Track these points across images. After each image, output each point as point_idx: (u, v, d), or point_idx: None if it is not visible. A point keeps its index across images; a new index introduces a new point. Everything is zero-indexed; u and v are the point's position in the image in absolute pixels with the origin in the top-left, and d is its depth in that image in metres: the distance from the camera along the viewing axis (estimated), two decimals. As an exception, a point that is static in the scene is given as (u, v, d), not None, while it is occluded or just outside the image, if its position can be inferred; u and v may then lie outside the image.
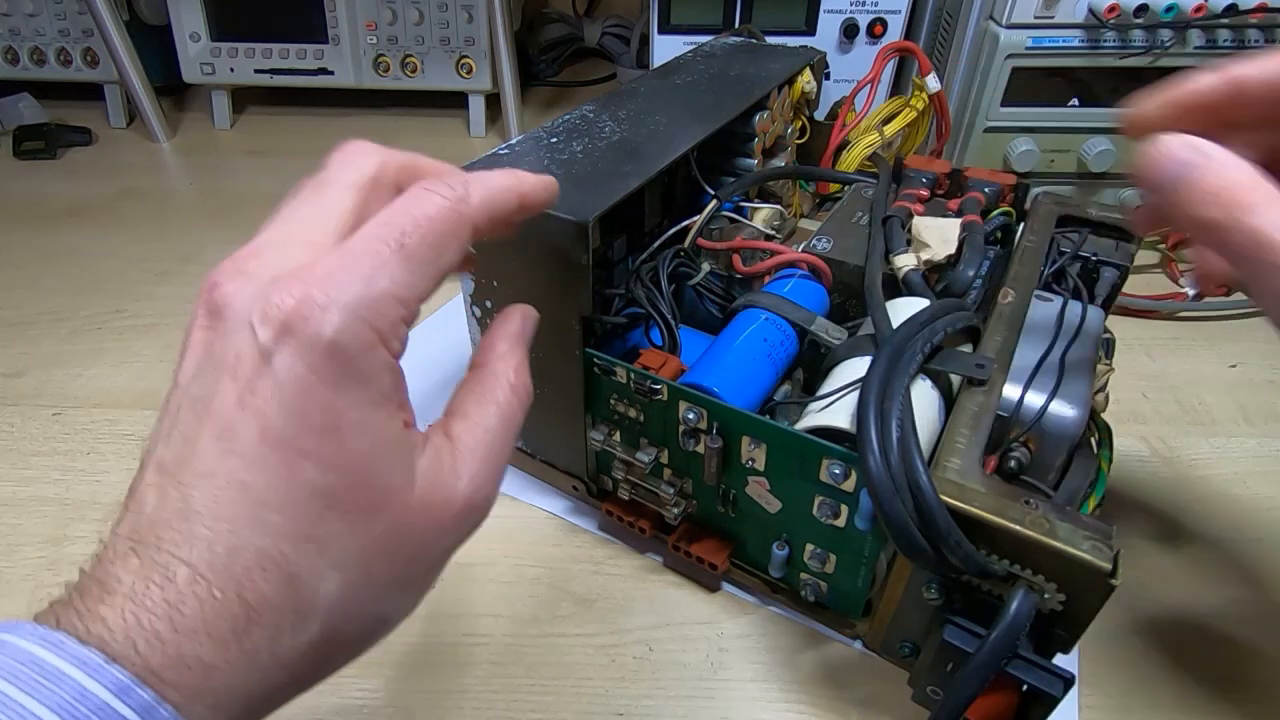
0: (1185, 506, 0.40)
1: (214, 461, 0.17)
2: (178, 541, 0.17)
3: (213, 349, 0.18)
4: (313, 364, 0.17)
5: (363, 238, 0.19)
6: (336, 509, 0.18)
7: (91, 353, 0.51)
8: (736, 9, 0.66)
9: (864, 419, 0.25)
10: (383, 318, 0.18)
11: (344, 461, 0.18)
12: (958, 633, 0.25)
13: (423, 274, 0.20)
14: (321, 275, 0.18)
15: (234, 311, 0.18)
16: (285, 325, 0.17)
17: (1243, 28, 0.53)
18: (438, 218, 0.20)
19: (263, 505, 0.17)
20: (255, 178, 0.74)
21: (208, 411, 0.18)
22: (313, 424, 0.17)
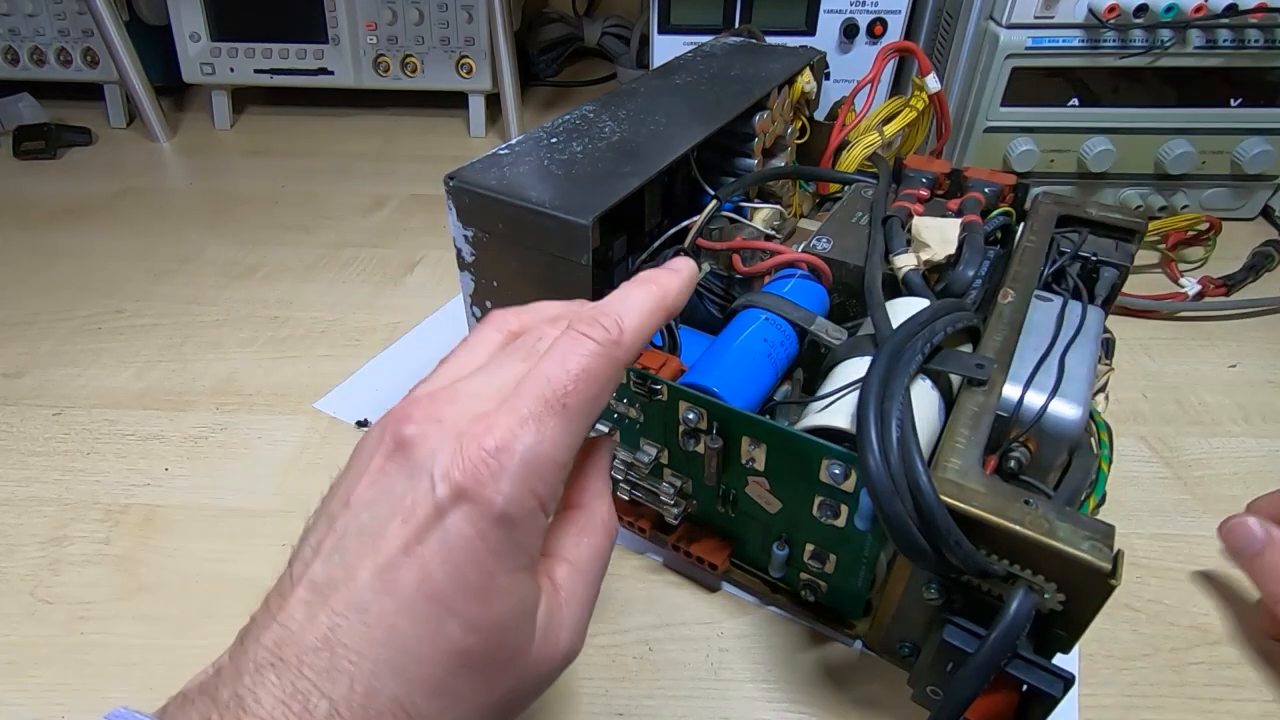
0: (1185, 506, 0.40)
1: (370, 597, 0.18)
2: (320, 671, 0.17)
3: (393, 485, 0.19)
4: (481, 530, 0.18)
5: (530, 397, 0.19)
6: (470, 668, 0.19)
7: (91, 353, 0.51)
8: (736, 9, 0.66)
9: (864, 419, 0.25)
10: (545, 485, 0.19)
11: (486, 624, 0.19)
12: (958, 633, 0.25)
13: (582, 428, 0.20)
14: (497, 442, 0.19)
15: (419, 455, 0.19)
16: (461, 488, 0.18)
17: (1243, 28, 0.53)
18: (595, 369, 0.20)
19: (406, 654, 0.18)
20: (255, 178, 0.74)
21: (374, 546, 0.18)
22: (468, 584, 0.18)
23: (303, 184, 0.73)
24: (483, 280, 0.34)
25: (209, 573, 0.36)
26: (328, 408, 0.46)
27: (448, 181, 0.32)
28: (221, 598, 0.35)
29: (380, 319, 0.54)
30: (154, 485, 0.41)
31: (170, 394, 0.47)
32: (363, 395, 0.47)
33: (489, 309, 0.35)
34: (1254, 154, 0.57)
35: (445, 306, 0.55)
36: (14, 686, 0.32)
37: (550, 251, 0.31)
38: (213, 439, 0.44)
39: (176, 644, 0.33)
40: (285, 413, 0.45)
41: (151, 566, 0.37)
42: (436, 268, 0.60)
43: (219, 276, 0.59)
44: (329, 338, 0.52)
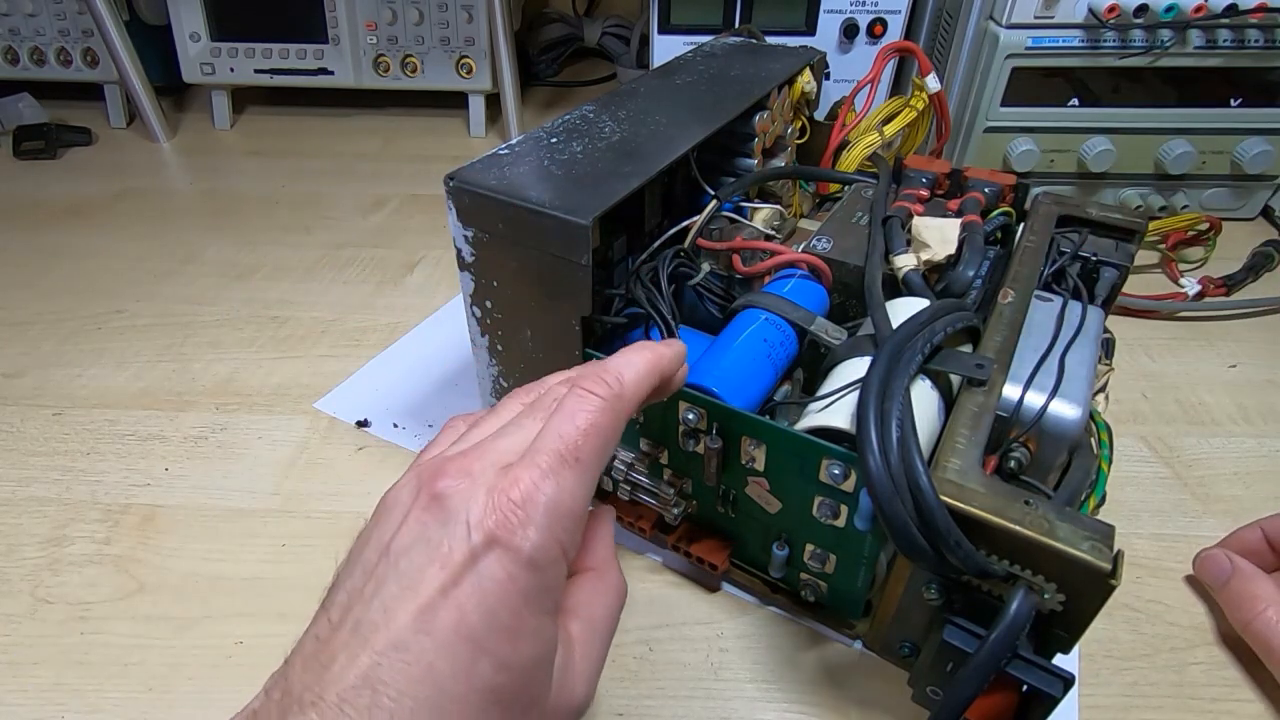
0: (1185, 506, 0.40)
1: (409, 637, 0.19)
2: (360, 709, 0.18)
3: (429, 534, 0.20)
4: (512, 574, 0.20)
5: (546, 453, 0.21)
6: (499, 706, 0.20)
7: (91, 353, 0.51)
8: (736, 9, 0.66)
9: (864, 419, 0.25)
10: (566, 532, 0.21)
11: (515, 663, 0.20)
12: (958, 633, 0.25)
13: (593, 478, 0.22)
14: (522, 493, 0.20)
15: (454, 506, 0.20)
16: (493, 535, 0.20)
17: (1243, 28, 0.53)
18: (601, 423, 0.22)
19: (442, 691, 0.19)
20: (255, 178, 0.74)
21: (413, 590, 0.19)
22: (500, 625, 0.20)
23: (303, 184, 0.73)
24: (483, 280, 0.34)
25: (209, 573, 0.36)
26: (328, 408, 0.46)
27: (448, 181, 0.32)
28: (221, 598, 0.35)
29: (380, 319, 0.54)
30: (154, 485, 0.41)
31: (170, 394, 0.47)
32: (363, 395, 0.47)
33: (489, 309, 0.35)
34: (1254, 154, 0.57)
35: (445, 306, 0.55)
36: (14, 686, 0.32)
37: (550, 251, 0.31)
38: (213, 439, 0.44)
39: (176, 644, 0.33)
40: (285, 413, 0.45)
41: (151, 566, 0.37)
42: (436, 268, 0.60)
43: (219, 277, 0.59)
44: (329, 338, 0.52)
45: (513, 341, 0.35)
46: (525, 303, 0.33)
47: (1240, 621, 0.32)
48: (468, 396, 0.45)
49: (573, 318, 0.32)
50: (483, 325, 0.36)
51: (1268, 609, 0.31)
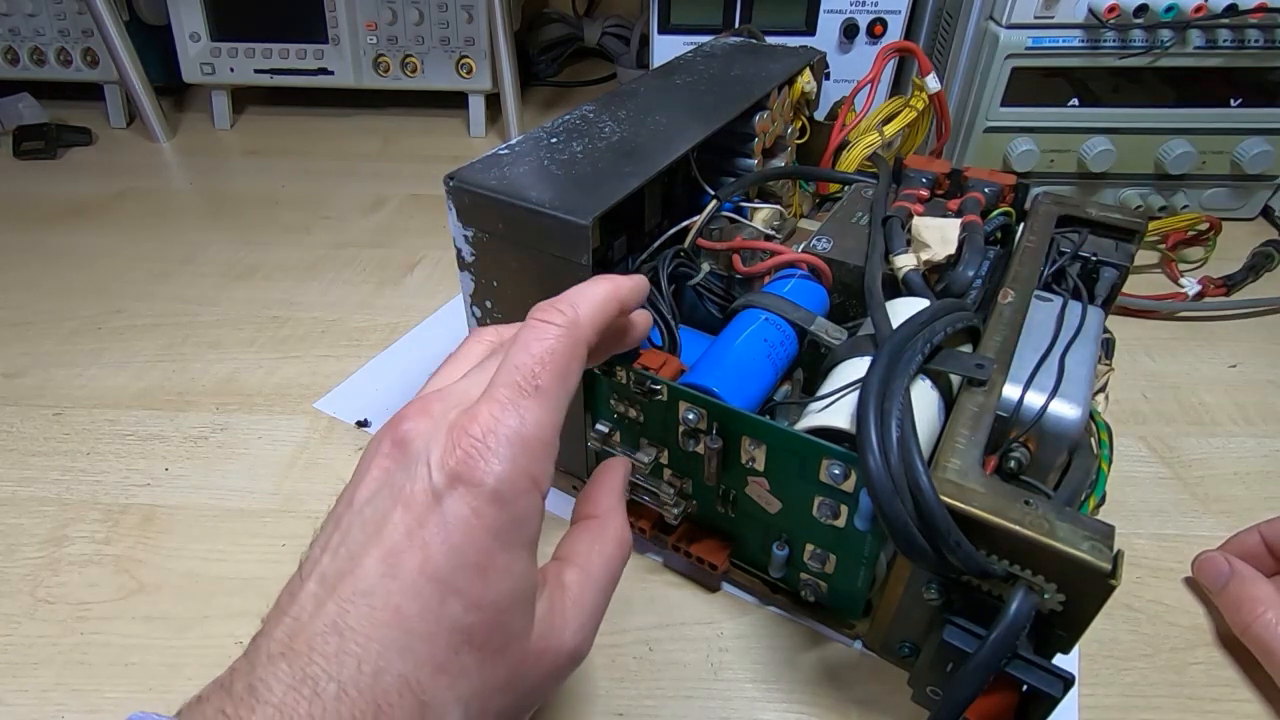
0: (1185, 506, 0.40)
1: (375, 582, 0.19)
2: (328, 655, 0.18)
3: (391, 478, 0.20)
4: (476, 509, 0.19)
5: (503, 385, 0.21)
6: (471, 645, 0.19)
7: (91, 353, 0.51)
8: (736, 9, 0.66)
9: (864, 419, 0.25)
10: (534, 463, 0.20)
11: (485, 601, 0.19)
12: (958, 633, 0.25)
13: (558, 405, 0.22)
14: (482, 427, 0.20)
15: (415, 449, 0.20)
16: (455, 473, 0.19)
17: (1243, 28, 0.53)
18: (558, 349, 0.22)
19: (411, 633, 0.18)
20: (255, 178, 0.74)
21: (378, 535, 0.19)
22: (467, 563, 0.19)
23: (303, 184, 0.73)
24: (483, 280, 0.34)
25: (209, 573, 0.36)
26: (328, 408, 0.46)
27: (448, 181, 0.32)
28: (221, 598, 0.35)
29: (380, 319, 0.54)
30: (154, 485, 0.41)
31: (170, 394, 0.47)
32: (363, 395, 0.47)
33: (489, 309, 0.35)
34: (1254, 154, 0.57)
35: (445, 306, 0.55)
36: (14, 686, 0.32)
37: (550, 251, 0.31)
38: (213, 439, 0.44)
39: (176, 644, 0.33)
40: (285, 413, 0.45)
41: (151, 566, 0.37)
42: (436, 268, 0.60)
43: (219, 276, 0.59)
44: (329, 338, 0.52)
45: (513, 341, 0.35)
46: (525, 303, 0.33)
47: (1239, 624, 0.32)
48: (468, 396, 0.45)
49: (573, 318, 0.32)
50: (482, 325, 0.36)
51: (1266, 612, 0.31)
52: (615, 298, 0.24)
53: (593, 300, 0.24)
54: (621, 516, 0.25)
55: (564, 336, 0.22)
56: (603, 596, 0.24)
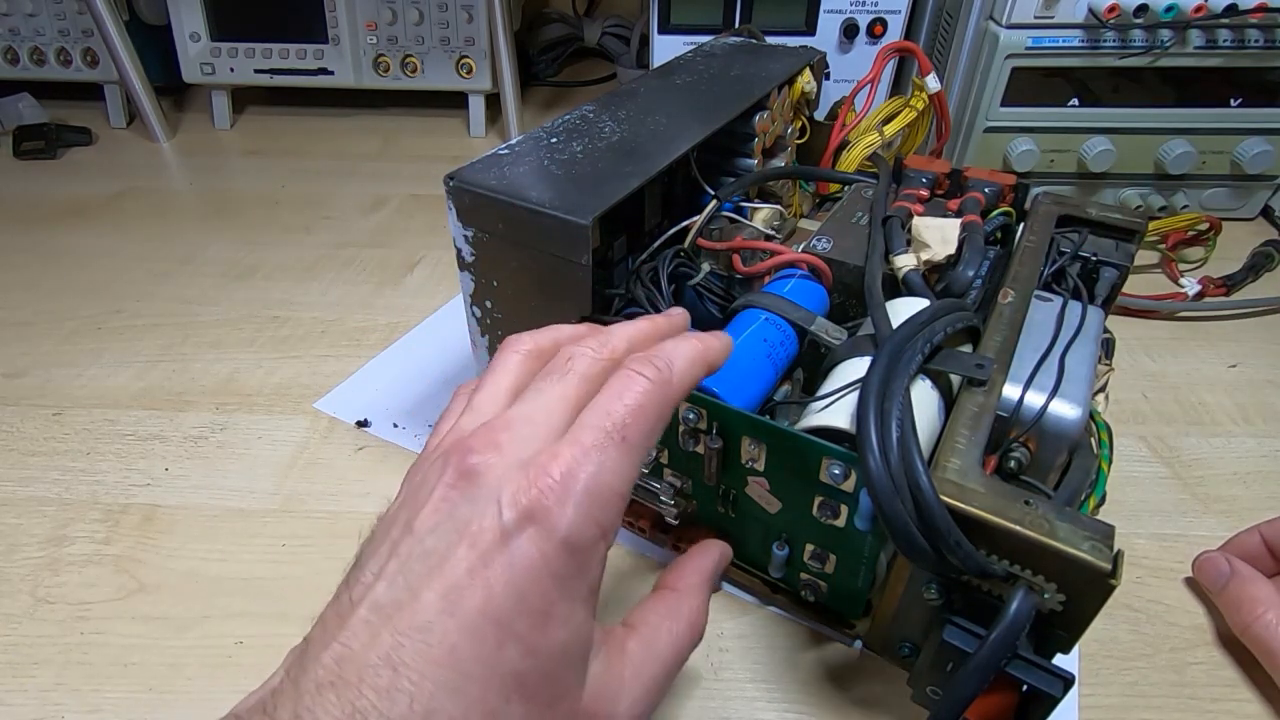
0: (1185, 506, 0.40)
1: (433, 618, 0.18)
2: (380, 690, 0.17)
3: (457, 511, 0.20)
4: (545, 553, 0.19)
5: (591, 429, 0.20)
6: (522, 694, 0.19)
7: (91, 353, 0.51)
8: (736, 9, 0.66)
9: (864, 419, 0.25)
10: (607, 514, 0.20)
11: (543, 650, 0.19)
12: (958, 633, 0.25)
13: (638, 460, 0.21)
14: (562, 470, 0.19)
15: (485, 483, 0.20)
16: (528, 513, 0.19)
17: (1243, 27, 0.53)
18: (649, 405, 0.21)
19: (465, 675, 0.18)
20: (255, 178, 0.74)
21: (439, 570, 0.19)
22: (529, 608, 0.19)
23: (303, 184, 0.73)
24: (483, 280, 0.34)
25: (209, 573, 0.36)
26: (328, 408, 0.46)
27: (448, 181, 0.32)
28: (221, 598, 0.35)
29: (380, 319, 0.54)
30: (154, 485, 0.41)
31: (170, 394, 0.47)
32: (363, 395, 0.47)
33: (489, 309, 0.35)
34: (1254, 154, 0.57)
35: (445, 306, 0.55)
36: (14, 686, 0.32)
37: (550, 251, 0.31)
38: (213, 439, 0.44)
39: (176, 644, 0.33)
40: (285, 413, 0.45)
41: (151, 566, 0.37)
42: (436, 268, 0.60)
43: (219, 276, 0.59)
44: (329, 338, 0.52)
45: (513, 341, 0.35)
46: (525, 303, 0.33)
47: (1239, 625, 0.32)
48: (468, 396, 0.45)
49: (573, 318, 0.32)
50: (483, 325, 0.36)
51: (1267, 612, 0.31)
52: (704, 361, 0.24)
53: (687, 359, 0.23)
54: (702, 598, 0.25)
55: (655, 394, 0.21)
56: (664, 675, 0.23)
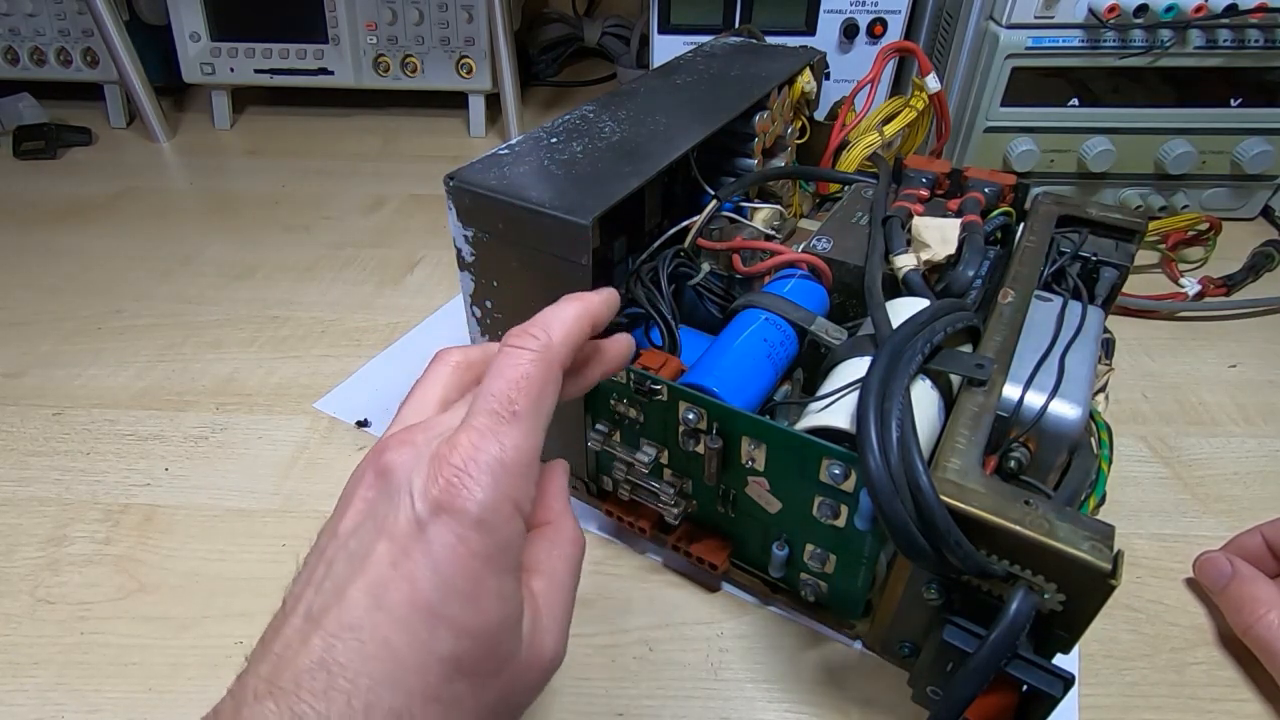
0: (1185, 506, 0.40)
1: (362, 615, 0.19)
2: (317, 693, 0.18)
3: (375, 509, 0.20)
4: (462, 536, 0.19)
5: (481, 414, 0.21)
6: (463, 673, 0.19)
7: (91, 353, 0.51)
8: (736, 9, 0.66)
9: (864, 419, 0.25)
10: (516, 489, 0.21)
11: (476, 628, 0.19)
12: (958, 633, 0.25)
13: (536, 429, 0.22)
14: (462, 456, 0.20)
15: (398, 479, 0.20)
16: (438, 502, 0.19)
17: (1243, 27, 0.53)
18: (533, 373, 0.22)
19: (401, 665, 0.18)
20: (255, 178, 0.74)
21: (363, 567, 0.19)
22: (456, 591, 0.19)
23: (303, 184, 0.73)
24: (483, 280, 0.34)
25: (209, 573, 0.36)
26: (328, 408, 0.46)
27: (448, 181, 0.32)
28: (221, 598, 0.35)
29: (380, 319, 0.54)
30: (154, 485, 0.41)
31: (170, 394, 0.47)
32: (363, 395, 0.47)
33: (489, 309, 0.35)
34: (1254, 154, 0.57)
35: (445, 306, 0.55)
36: (14, 686, 0.32)
37: (550, 251, 0.31)
38: (213, 439, 0.44)
39: (176, 644, 0.33)
40: (285, 413, 0.45)
41: (151, 566, 0.37)
42: (436, 268, 0.60)
43: (219, 276, 0.59)
44: (329, 338, 0.52)
45: (513, 341, 0.35)
46: (525, 303, 0.33)
47: (1241, 625, 0.32)
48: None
49: (573, 318, 0.32)
50: (483, 325, 0.36)
51: (1269, 612, 0.31)
52: (586, 314, 0.24)
53: (564, 321, 0.23)
54: (571, 517, 0.26)
55: (538, 360, 0.22)
56: (569, 597, 0.24)
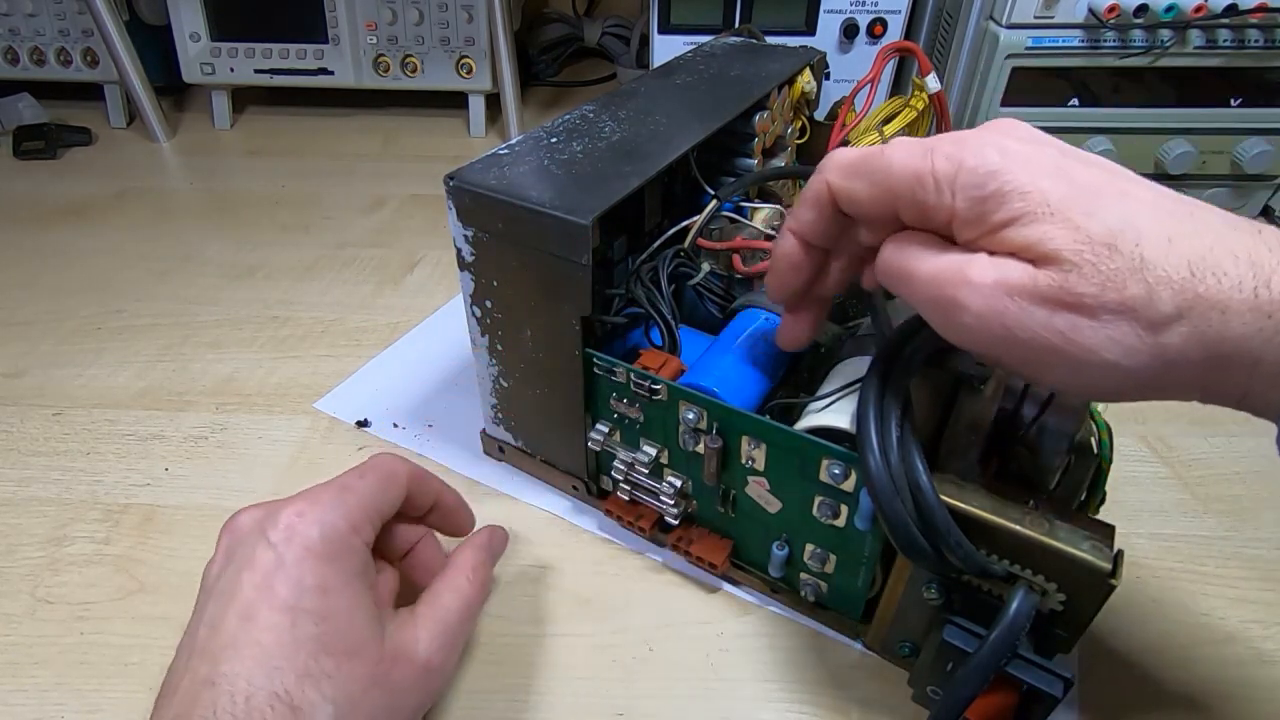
0: (1185, 506, 0.40)
1: (237, 633, 0.23)
2: (205, 704, 0.21)
3: (234, 555, 0.25)
4: (309, 547, 0.24)
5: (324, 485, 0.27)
6: (326, 652, 0.23)
7: (91, 353, 0.51)
8: (736, 9, 0.66)
9: (864, 419, 0.25)
10: (352, 517, 0.26)
11: (331, 613, 0.24)
12: (958, 633, 0.25)
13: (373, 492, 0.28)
14: (307, 498, 0.26)
15: (248, 528, 0.26)
16: (290, 528, 0.25)
17: (1243, 27, 0.53)
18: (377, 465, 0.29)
19: (272, 656, 0.22)
20: (255, 178, 0.74)
21: (232, 599, 0.24)
22: (308, 586, 0.24)
23: (303, 184, 0.73)
24: (483, 280, 0.34)
25: (209, 573, 0.36)
26: (328, 408, 0.46)
27: (448, 181, 0.32)
28: (221, 598, 0.35)
29: (380, 319, 0.54)
30: (154, 485, 0.41)
31: (170, 394, 0.47)
32: (363, 395, 0.47)
33: (489, 309, 0.35)
34: (1254, 154, 0.57)
35: (445, 306, 0.55)
36: (14, 686, 0.32)
37: (550, 251, 0.31)
38: (213, 439, 0.44)
39: (176, 644, 0.33)
40: (285, 413, 0.45)
41: (151, 566, 0.37)
42: (436, 268, 0.60)
43: (219, 276, 0.59)
44: (329, 338, 0.52)
45: (513, 341, 0.35)
46: (525, 303, 0.33)
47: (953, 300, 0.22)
48: (468, 396, 0.45)
49: (573, 318, 0.32)
50: (483, 325, 0.36)
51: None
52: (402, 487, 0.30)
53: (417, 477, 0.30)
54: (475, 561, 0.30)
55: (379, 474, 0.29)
56: (454, 621, 0.28)
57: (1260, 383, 0.19)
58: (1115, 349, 0.19)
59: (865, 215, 0.24)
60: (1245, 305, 0.18)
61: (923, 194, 0.21)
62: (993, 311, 0.20)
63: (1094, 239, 0.19)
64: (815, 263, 0.27)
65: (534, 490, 0.40)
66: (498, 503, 0.40)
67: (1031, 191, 0.20)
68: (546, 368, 0.35)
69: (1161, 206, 0.20)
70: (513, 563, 0.37)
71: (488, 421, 0.41)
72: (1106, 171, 0.21)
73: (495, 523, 0.34)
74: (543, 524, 0.39)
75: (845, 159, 0.24)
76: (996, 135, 0.21)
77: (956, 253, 0.21)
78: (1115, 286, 0.19)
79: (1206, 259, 0.18)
